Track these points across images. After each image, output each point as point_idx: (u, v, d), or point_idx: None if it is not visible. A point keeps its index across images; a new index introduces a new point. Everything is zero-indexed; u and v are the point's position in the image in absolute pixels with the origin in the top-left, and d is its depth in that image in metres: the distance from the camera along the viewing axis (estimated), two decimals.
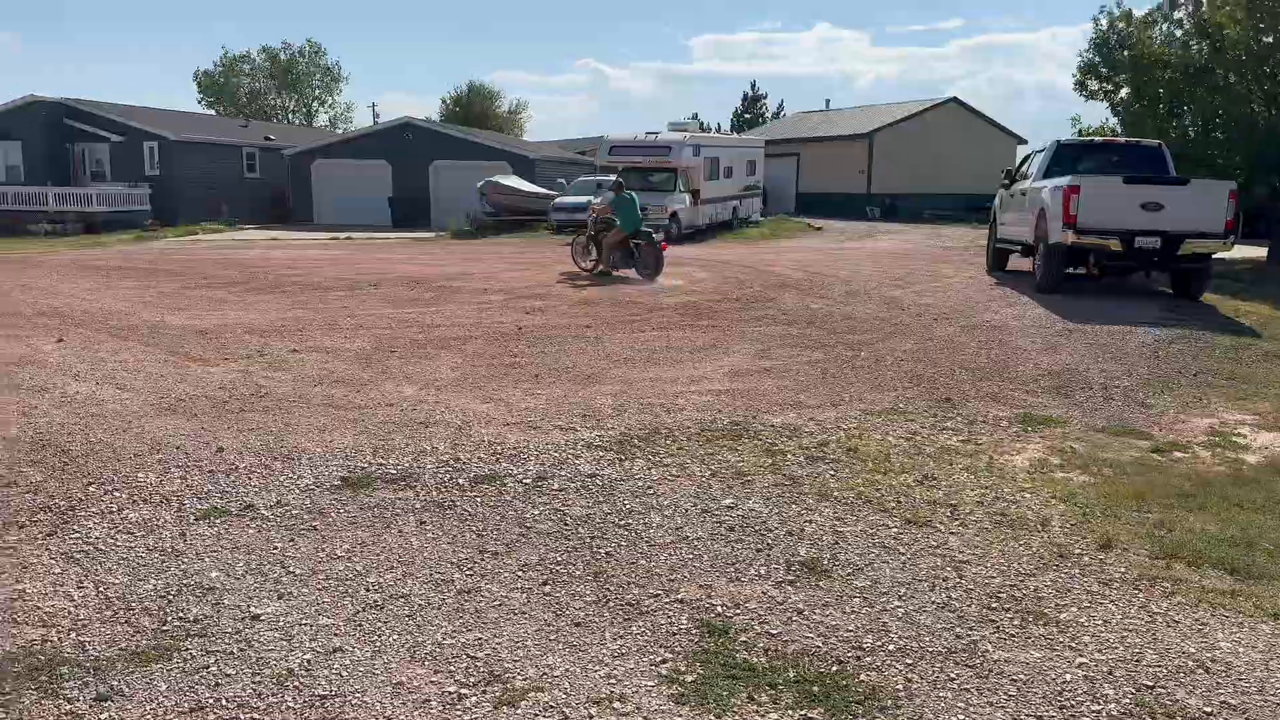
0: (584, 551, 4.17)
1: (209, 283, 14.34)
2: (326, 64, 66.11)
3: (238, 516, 4.67)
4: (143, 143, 35.47)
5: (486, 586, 3.85)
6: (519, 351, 8.72)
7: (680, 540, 4.28)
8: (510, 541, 4.29)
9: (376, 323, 10.39)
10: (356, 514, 4.69)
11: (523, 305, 11.73)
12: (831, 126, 42.28)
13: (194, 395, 7.00)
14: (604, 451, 5.57)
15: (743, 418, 6.31)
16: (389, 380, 7.53)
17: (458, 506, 4.74)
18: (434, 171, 34.98)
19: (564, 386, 7.30)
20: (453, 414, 6.48)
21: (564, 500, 4.80)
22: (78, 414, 6.44)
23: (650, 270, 14.53)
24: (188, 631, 3.51)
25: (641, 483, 5.03)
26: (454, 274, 15.59)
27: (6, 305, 11.79)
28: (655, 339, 9.32)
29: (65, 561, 4.14)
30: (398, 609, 3.69)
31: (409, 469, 5.31)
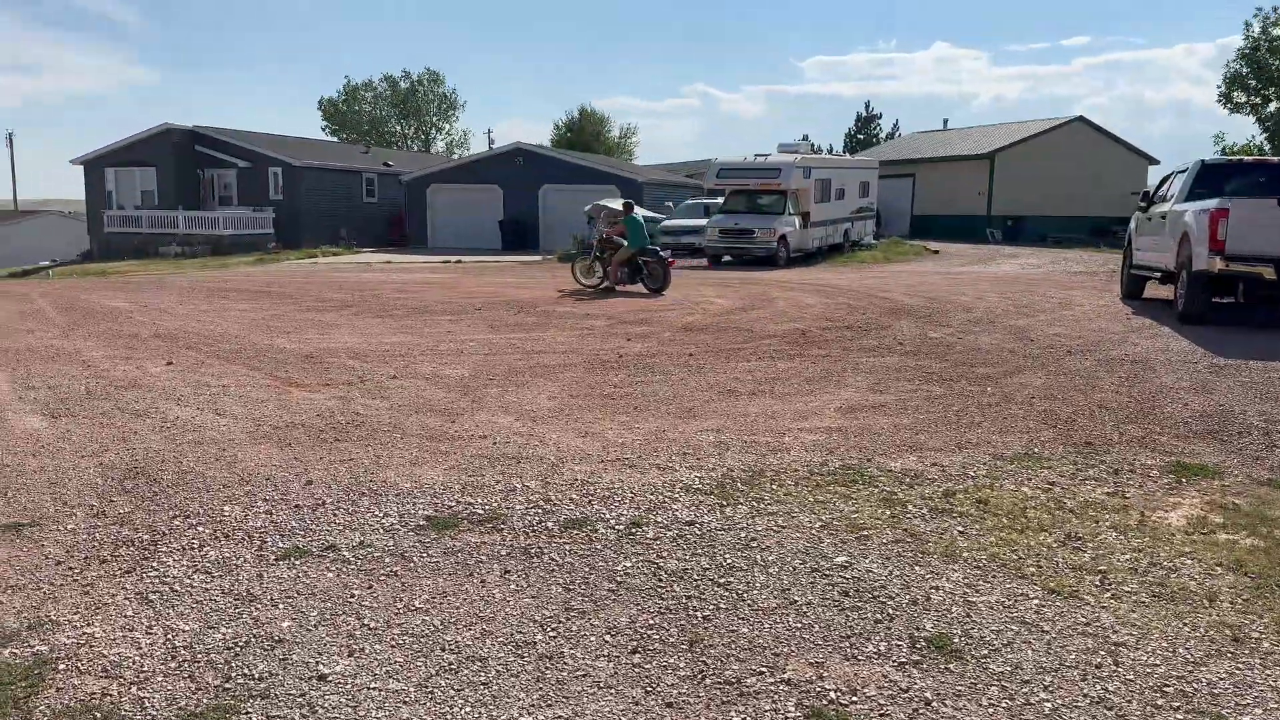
0: (679, 614, 3.76)
1: (320, 306, 14.56)
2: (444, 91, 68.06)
3: (318, 557, 4.44)
4: (268, 168, 36.95)
5: (570, 652, 3.48)
6: (619, 381, 8.39)
7: (787, 605, 3.83)
8: (599, 599, 3.92)
9: (478, 348, 10.25)
10: (439, 559, 4.40)
11: (624, 331, 11.44)
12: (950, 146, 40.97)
13: (291, 423, 6.90)
14: (704, 495, 5.16)
15: (856, 460, 5.80)
16: (485, 410, 7.30)
17: (545, 554, 4.40)
18: (543, 196, 35.31)
19: (663, 420, 6.93)
20: (547, 448, 6.18)
21: (659, 551, 4.41)
22: (174, 440, 6.40)
23: (659, 284, 16.05)
24: (250, 691, 3.26)
25: (744, 533, 4.60)
26: (557, 298, 15.46)
27: (126, 327, 12.15)
28: (761, 369, 8.87)
29: (139, 603, 3.97)
30: (473, 674, 3.35)
31: (497, 509, 5.01)
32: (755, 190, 24.26)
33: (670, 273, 16.25)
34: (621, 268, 16.31)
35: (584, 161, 37.37)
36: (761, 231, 23.13)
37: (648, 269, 16.19)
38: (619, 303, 14.64)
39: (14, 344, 10.66)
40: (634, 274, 16.26)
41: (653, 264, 16.17)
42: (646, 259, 16.23)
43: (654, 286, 16.08)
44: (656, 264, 16.16)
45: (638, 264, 16.24)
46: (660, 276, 16.11)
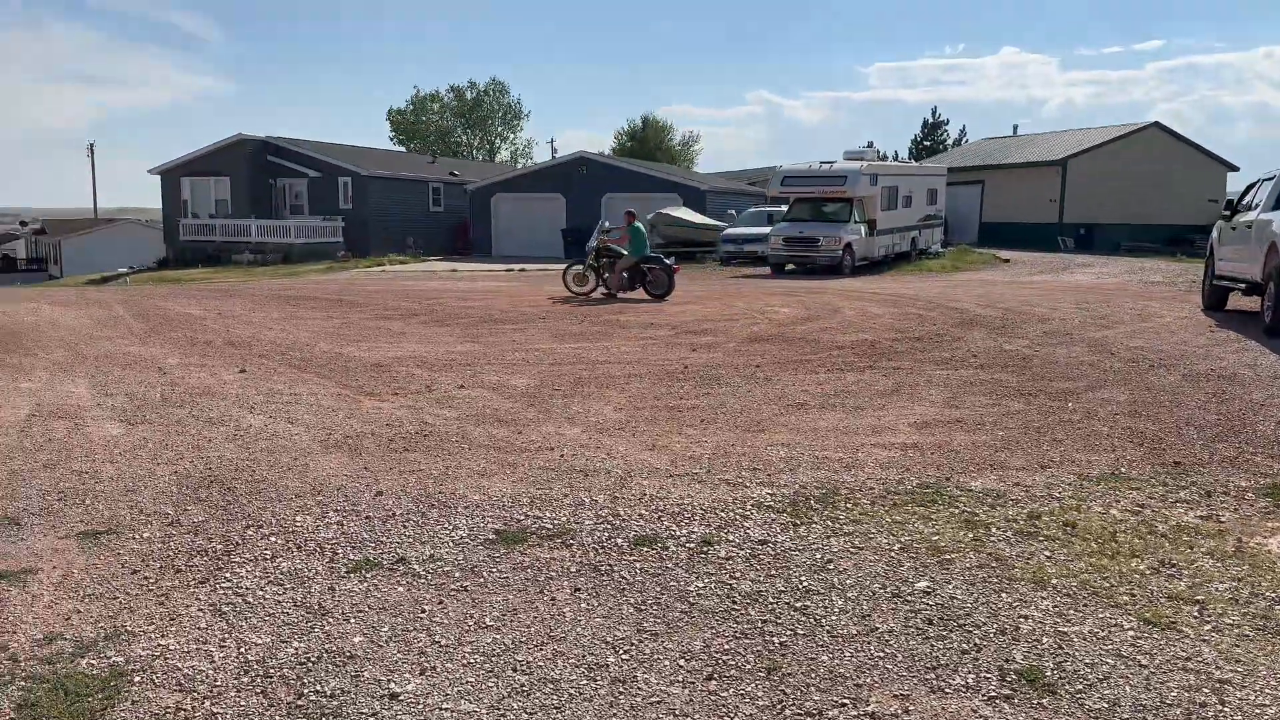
0: (755, 639, 3.65)
1: (388, 314, 14.73)
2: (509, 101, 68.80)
3: (389, 570, 4.42)
4: (337, 178, 37.66)
5: (644, 676, 3.39)
6: (685, 392, 8.29)
7: (868, 632, 3.69)
8: (671, 620, 3.83)
9: (543, 358, 10.24)
10: (509, 574, 4.35)
11: (689, 341, 11.33)
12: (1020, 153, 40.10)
13: (361, 432, 6.93)
14: (776, 514, 5.04)
15: (935, 479, 5.62)
16: (551, 421, 7.26)
17: (615, 572, 4.32)
18: (606, 203, 35.40)
19: (732, 433, 6.81)
20: (614, 461, 6.10)
21: (732, 571, 4.30)
22: (248, 449, 6.47)
23: (663, 290, 16.59)
24: (322, 709, 3.23)
25: (820, 555, 4.46)
26: (620, 307, 15.42)
27: (201, 335, 12.41)
28: (830, 381, 8.69)
29: (213, 614, 3.98)
30: (545, 696, 3.28)
31: (566, 524, 4.95)
32: (820, 198, 23.98)
33: (675, 279, 16.83)
34: (623, 275, 16.80)
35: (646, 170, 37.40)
36: (826, 240, 22.84)
37: (652, 275, 16.73)
38: (680, 311, 14.54)
39: (93, 350, 10.95)
40: (633, 281, 16.87)
41: (657, 270, 16.74)
42: (651, 265, 16.81)
43: (658, 293, 16.56)
44: (661, 270, 16.72)
45: (640, 271, 16.79)
46: (665, 283, 16.62)
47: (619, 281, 16.81)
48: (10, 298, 19.76)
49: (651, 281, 16.72)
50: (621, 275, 16.80)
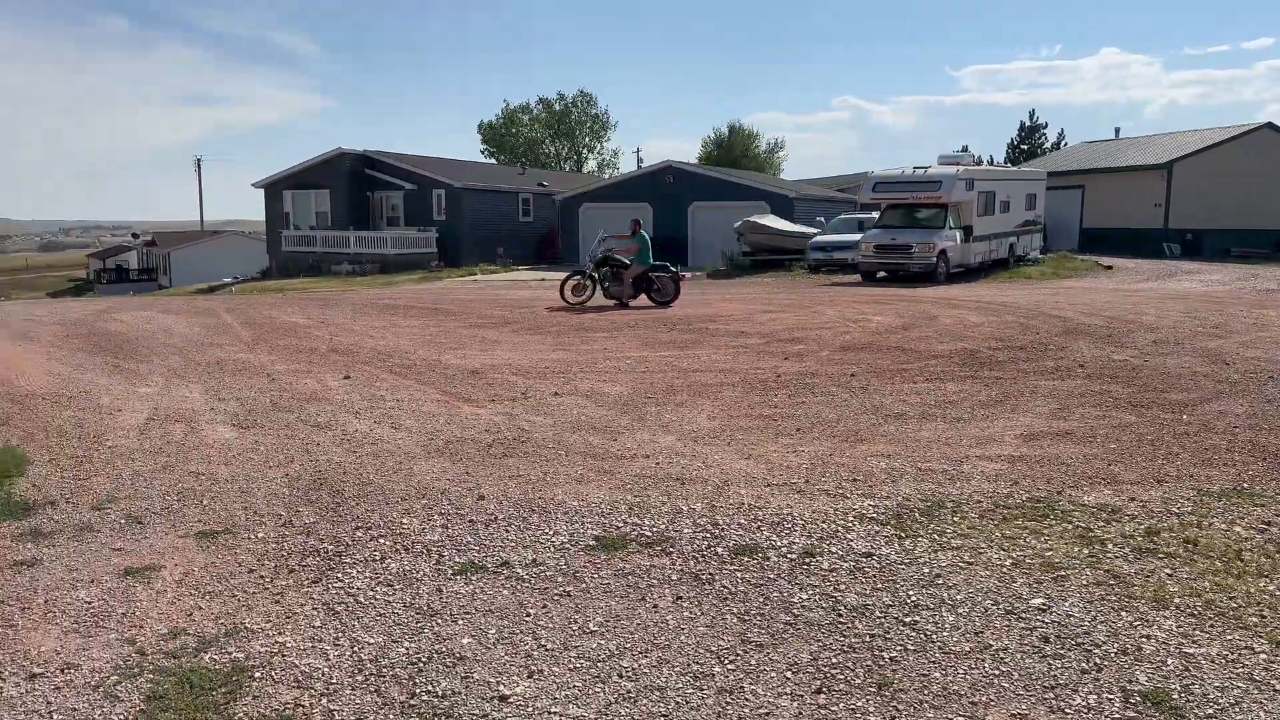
0: (863, 654, 3.58)
1: (482, 323, 14.99)
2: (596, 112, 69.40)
3: (493, 574, 4.49)
4: (431, 190, 38.54)
5: (750, 687, 3.37)
6: (779, 401, 8.22)
7: (981, 649, 3.59)
8: (776, 632, 3.79)
9: (635, 365, 10.27)
10: (611, 581, 4.37)
11: (781, 350, 11.23)
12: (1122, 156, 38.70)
13: (461, 437, 7.06)
14: (879, 525, 4.95)
15: (1045, 492, 5.45)
16: (646, 429, 7.28)
17: (716, 582, 4.30)
18: (692, 212, 35.41)
19: (829, 443, 6.72)
20: (710, 470, 6.08)
21: (836, 584, 4.24)
22: (354, 453, 6.65)
23: (668, 298, 17.11)
24: (434, 709, 3.29)
25: (927, 569, 4.37)
26: (710, 315, 15.38)
27: (305, 342, 12.82)
28: (930, 391, 8.51)
29: (326, 613, 4.10)
30: (652, 704, 3.28)
31: (664, 532, 4.95)
32: (913, 203, 23.52)
33: (680, 286, 17.46)
34: (632, 284, 17.27)
35: (733, 178, 37.27)
36: (920, 246, 22.38)
37: (659, 284, 17.24)
38: (770, 320, 14.43)
39: (205, 357, 11.41)
40: (637, 289, 17.32)
41: (665, 279, 17.28)
42: (658, 274, 17.33)
43: (662, 300, 17.12)
44: (669, 279, 17.29)
45: (648, 279, 17.29)
46: (671, 290, 17.22)
47: (629, 290, 17.22)
48: (125, 306, 20.75)
49: (658, 289, 17.27)
50: (629, 283, 17.22)
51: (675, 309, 16.67)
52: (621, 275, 17.27)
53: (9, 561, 4.81)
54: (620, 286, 17.32)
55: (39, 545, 5.03)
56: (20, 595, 4.39)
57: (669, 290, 17.30)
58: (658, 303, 17.14)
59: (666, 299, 17.22)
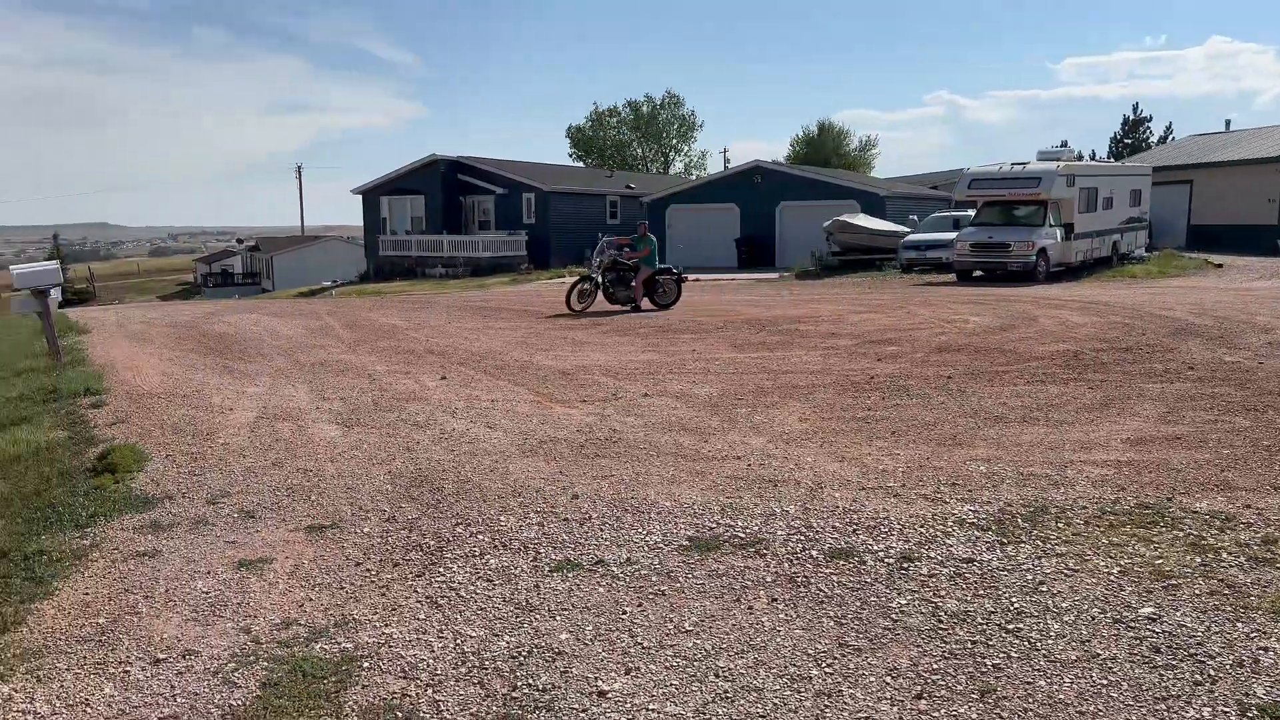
0: (965, 660, 3.53)
1: (573, 325, 15.17)
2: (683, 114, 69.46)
3: (589, 571, 4.56)
4: (521, 194, 39.15)
5: (849, 691, 3.34)
6: (872, 403, 8.11)
7: (1088, 659, 3.50)
8: (875, 636, 3.75)
9: (724, 367, 10.27)
10: (705, 581, 4.39)
11: (873, 351, 11.08)
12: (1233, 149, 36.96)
13: (554, 437, 7.17)
14: (980, 531, 4.85)
15: (1155, 499, 5.26)
16: (736, 430, 7.27)
17: (812, 585, 4.28)
18: (780, 212, 35.15)
19: (926, 446, 6.61)
20: (803, 472, 6.05)
21: (935, 589, 4.17)
22: (452, 451, 6.82)
23: (670, 300, 17.41)
24: (535, 702, 3.36)
25: (1031, 576, 4.27)
26: (800, 316, 15.26)
27: (403, 343, 13.18)
28: (1030, 394, 8.29)
29: (429, 606, 4.22)
30: (750, 705, 3.29)
31: (758, 533, 4.94)
32: (1011, 200, 22.89)
33: (682, 289, 17.82)
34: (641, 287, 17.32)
35: (822, 177, 36.85)
36: (1018, 245, 21.78)
37: (663, 286, 17.45)
38: (862, 320, 14.24)
39: (309, 358, 11.83)
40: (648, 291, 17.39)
41: (669, 281, 17.54)
42: (663, 276, 17.52)
43: (665, 303, 17.32)
44: (673, 282, 17.57)
45: (654, 282, 17.40)
46: (674, 293, 17.50)
47: (640, 293, 17.21)
48: (232, 309, 21.64)
49: (662, 291, 17.43)
50: (640, 287, 17.21)
51: (766, 310, 16.59)
52: (629, 279, 17.24)
53: (132, 552, 5.08)
54: (627, 290, 17.19)
55: (158, 537, 5.30)
56: (143, 584, 4.64)
57: (671, 293, 17.48)
58: (660, 305, 17.25)
59: (669, 301, 17.38)
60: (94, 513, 5.75)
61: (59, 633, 4.15)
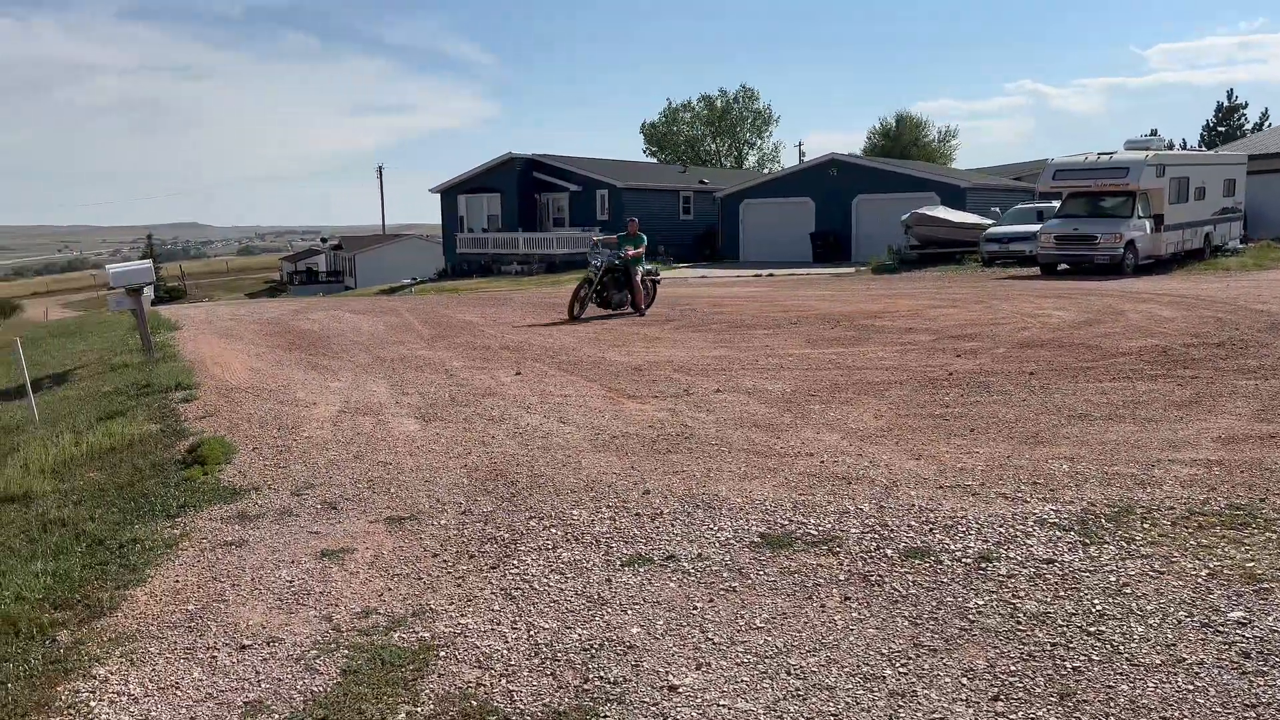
0: (1044, 661, 3.45)
1: (644, 321, 15.20)
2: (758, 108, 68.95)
3: (660, 566, 4.57)
4: (595, 191, 39.37)
5: (924, 692, 3.30)
6: (950, 400, 7.96)
7: (1174, 663, 3.39)
8: (950, 637, 3.69)
9: (797, 363, 10.18)
10: (776, 578, 4.37)
11: (952, 347, 10.86)
12: None
13: (626, 433, 7.21)
14: (1061, 531, 4.72)
15: (1246, 500, 5.05)
16: (809, 426, 7.21)
17: (886, 584, 4.23)
18: (856, 206, 34.68)
19: (1006, 444, 6.46)
20: (878, 470, 5.97)
21: (1014, 590, 4.08)
22: (526, 446, 6.91)
23: (650, 301, 16.36)
24: (607, 695, 3.39)
25: (1114, 577, 4.14)
26: (876, 311, 15.04)
27: (479, 339, 13.38)
28: (1117, 391, 8.03)
29: (504, 598, 4.29)
30: (822, 703, 3.27)
31: (831, 531, 4.90)
32: (1098, 191, 22.18)
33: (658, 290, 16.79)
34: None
35: (899, 168, 36.24)
36: (1105, 237, 21.09)
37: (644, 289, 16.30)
38: (940, 315, 13.96)
39: (389, 354, 12.10)
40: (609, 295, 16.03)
41: (649, 284, 16.41)
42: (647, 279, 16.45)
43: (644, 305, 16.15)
44: (651, 283, 16.47)
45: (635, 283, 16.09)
46: (650, 296, 16.38)
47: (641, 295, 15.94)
48: (316, 306, 22.24)
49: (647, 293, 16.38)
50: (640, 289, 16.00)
51: (841, 305, 16.40)
52: (623, 282, 15.82)
53: (220, 541, 5.28)
54: (622, 294, 15.87)
55: (245, 527, 5.49)
56: (230, 573, 4.81)
57: (650, 295, 16.41)
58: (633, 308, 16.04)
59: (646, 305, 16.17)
60: (184, 503, 5.99)
61: (151, 618, 4.33)
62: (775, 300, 18.28)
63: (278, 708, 3.47)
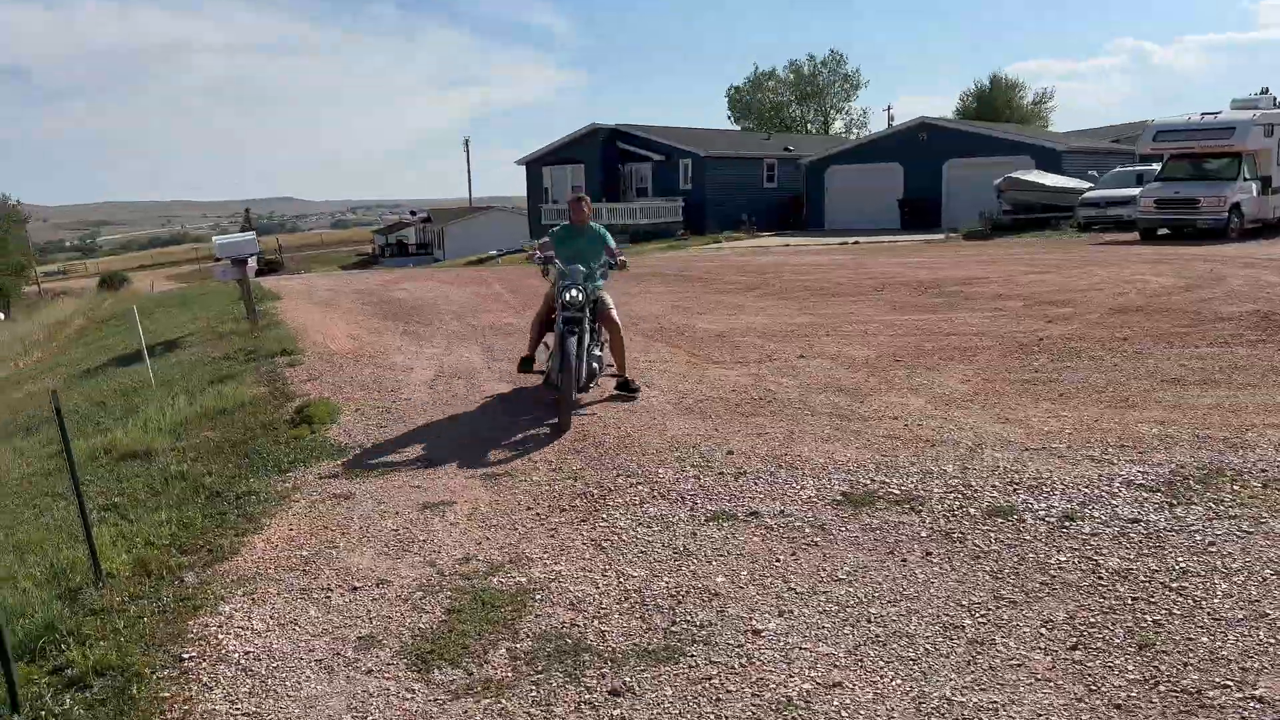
0: (1124, 615, 3.50)
1: (727, 288, 15.27)
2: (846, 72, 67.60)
3: (743, 522, 4.72)
4: (678, 160, 39.28)
5: (1002, 640, 3.39)
6: (1040, 365, 7.88)
7: (1257, 618, 3.40)
8: (1031, 590, 3.76)
9: (882, 329, 10.15)
10: (858, 534, 4.48)
11: (1044, 313, 10.67)
12: None
13: (710, 396, 7.35)
14: (1148, 492, 4.71)
15: None
16: (893, 391, 7.24)
17: (968, 540, 4.30)
18: (947, 170, 33.90)
19: (1095, 408, 6.40)
20: (963, 432, 5.99)
21: (1096, 548, 4.12)
22: (615, 410, 7.11)
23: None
24: (694, 637, 3.57)
25: (1200, 537, 4.14)
26: (966, 278, 14.80)
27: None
28: (1214, 356, 7.84)
29: (594, 548, 4.50)
30: (901, 648, 3.39)
31: (914, 491, 4.98)
32: (1201, 153, 21.29)
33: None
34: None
35: (992, 132, 35.26)
36: (1207, 200, 20.26)
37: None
38: (1034, 281, 13.68)
39: (480, 321, 12.45)
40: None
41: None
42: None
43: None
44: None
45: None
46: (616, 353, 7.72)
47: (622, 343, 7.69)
48: (409, 277, 22.86)
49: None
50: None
51: (929, 272, 16.16)
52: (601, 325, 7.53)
53: (329, 494, 5.62)
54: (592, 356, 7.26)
55: (351, 482, 5.82)
56: (339, 523, 5.14)
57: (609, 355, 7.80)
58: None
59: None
60: (294, 459, 6.36)
61: (269, 562, 4.67)
62: (861, 267, 18.12)
63: (388, 642, 3.74)
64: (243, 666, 3.63)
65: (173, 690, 3.49)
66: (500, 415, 7.13)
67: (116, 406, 9.25)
